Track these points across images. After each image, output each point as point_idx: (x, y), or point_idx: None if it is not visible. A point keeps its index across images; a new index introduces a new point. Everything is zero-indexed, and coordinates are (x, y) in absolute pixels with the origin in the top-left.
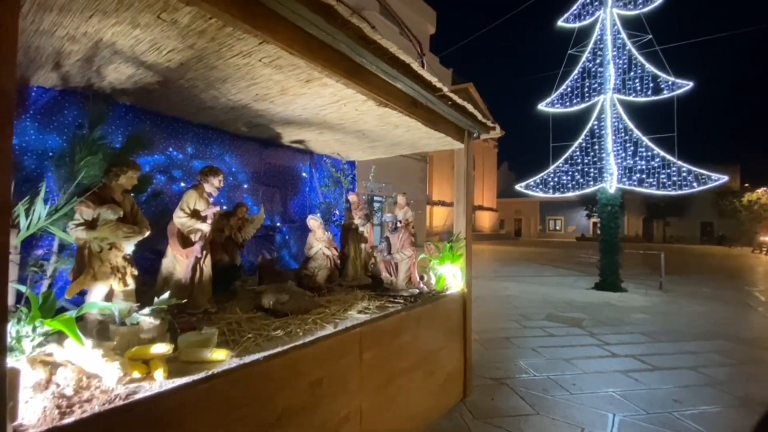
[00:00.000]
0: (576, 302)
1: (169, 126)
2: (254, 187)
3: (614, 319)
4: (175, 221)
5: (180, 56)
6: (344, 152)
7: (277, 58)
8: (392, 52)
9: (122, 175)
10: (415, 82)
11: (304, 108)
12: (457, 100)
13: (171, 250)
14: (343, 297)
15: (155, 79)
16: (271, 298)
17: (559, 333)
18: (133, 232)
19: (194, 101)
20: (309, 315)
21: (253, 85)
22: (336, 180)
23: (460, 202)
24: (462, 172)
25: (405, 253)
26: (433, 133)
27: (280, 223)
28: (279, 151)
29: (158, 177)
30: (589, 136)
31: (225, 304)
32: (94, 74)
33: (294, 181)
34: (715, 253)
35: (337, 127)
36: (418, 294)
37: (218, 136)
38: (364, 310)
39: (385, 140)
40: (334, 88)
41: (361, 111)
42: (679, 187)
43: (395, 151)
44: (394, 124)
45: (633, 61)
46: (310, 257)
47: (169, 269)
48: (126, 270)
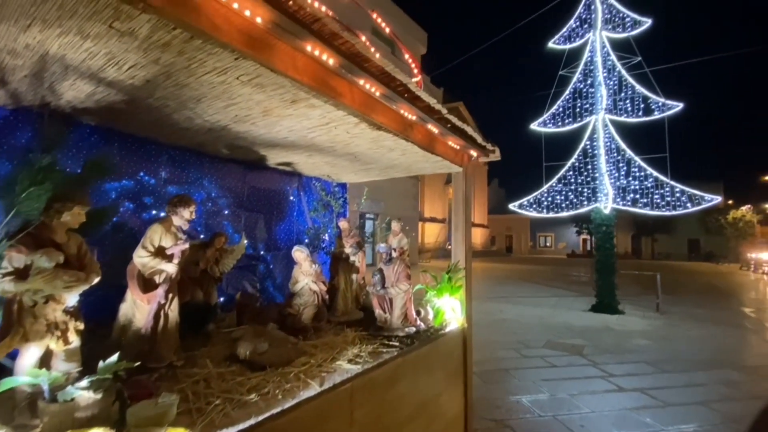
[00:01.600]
0: (575, 326)
1: (141, 148)
2: (236, 214)
3: (616, 345)
4: (135, 261)
5: (144, 72)
6: (335, 174)
7: (257, 76)
8: (388, 71)
9: (65, 212)
10: (412, 103)
11: (290, 130)
12: (456, 123)
13: (130, 294)
14: (331, 340)
15: (120, 98)
16: (247, 347)
17: (560, 363)
18: (76, 280)
19: (167, 122)
20: (291, 368)
21: (231, 105)
22: (326, 204)
23: (459, 229)
24: (460, 197)
25: (400, 288)
26: (429, 157)
27: (264, 251)
28: (264, 174)
29: (127, 205)
30: (582, 155)
31: (196, 351)
32: (47, 92)
33: (280, 205)
34: (705, 270)
35: (327, 150)
36: (415, 333)
37: (196, 158)
38: (356, 359)
39: (378, 163)
40: (322, 110)
41: (353, 134)
42: (673, 208)
43: (390, 174)
44: (388, 148)
45: (623, 82)
46: (295, 293)
47: (128, 316)
48: (67, 326)
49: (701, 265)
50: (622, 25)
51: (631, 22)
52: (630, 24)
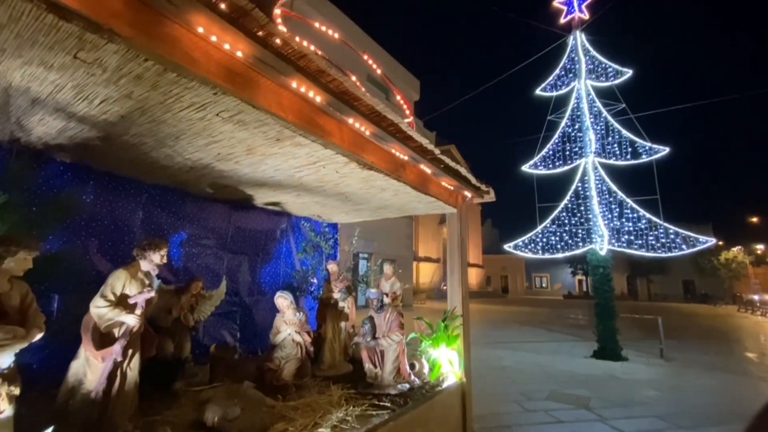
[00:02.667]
0: (578, 375)
1: (118, 187)
2: (218, 256)
3: (623, 397)
4: (91, 312)
5: (117, 108)
6: (326, 215)
7: (239, 112)
8: (378, 110)
9: (8, 258)
10: (404, 143)
11: (276, 169)
12: (449, 163)
13: (83, 350)
14: (314, 400)
15: (94, 134)
16: (216, 412)
17: (567, 418)
18: (12, 337)
19: (145, 160)
20: None
21: (213, 143)
22: (315, 245)
23: (454, 273)
24: (455, 239)
25: (392, 339)
26: (423, 197)
27: (246, 296)
28: (251, 214)
29: (98, 246)
30: (574, 197)
31: (158, 415)
32: (15, 127)
33: (267, 247)
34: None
35: (316, 190)
36: (408, 390)
37: (178, 197)
38: (341, 425)
39: (370, 203)
40: (309, 148)
41: (343, 174)
42: (668, 249)
43: (382, 214)
44: (380, 188)
45: (610, 127)
46: (276, 345)
47: (78, 376)
48: None
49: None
50: (605, 74)
51: (613, 72)
52: (612, 74)
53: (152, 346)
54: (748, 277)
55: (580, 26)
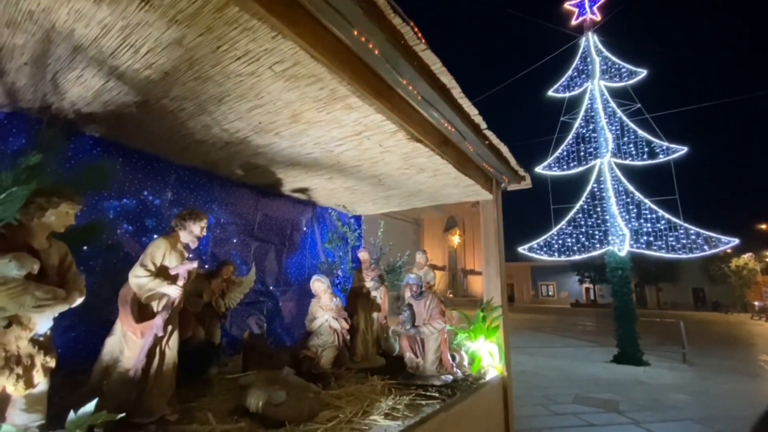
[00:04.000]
0: (601, 379)
1: (147, 165)
2: (245, 242)
3: (653, 401)
4: (131, 282)
5: (164, 59)
6: (352, 204)
7: (294, 64)
8: (434, 70)
9: (50, 209)
10: (455, 112)
11: (317, 143)
12: (493, 140)
13: (120, 325)
14: (357, 389)
15: (131, 98)
16: (260, 397)
17: (597, 421)
18: (52, 297)
19: (180, 132)
20: (315, 424)
21: (256, 108)
22: (341, 235)
23: (491, 263)
24: (492, 228)
25: (435, 327)
26: (461, 180)
27: (273, 286)
28: (277, 202)
29: (125, 226)
30: (590, 198)
31: (193, 402)
32: (49, 87)
33: (292, 236)
34: (715, 320)
35: (351, 171)
36: (452, 382)
37: (206, 180)
38: (392, 413)
39: (403, 188)
40: (359, 113)
41: (386, 147)
42: (689, 251)
43: (411, 202)
44: (419, 167)
45: (625, 127)
46: (312, 332)
47: (114, 354)
48: (33, 361)
49: (710, 315)
50: (619, 75)
51: (627, 73)
52: (626, 74)
53: (189, 326)
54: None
55: (592, 27)
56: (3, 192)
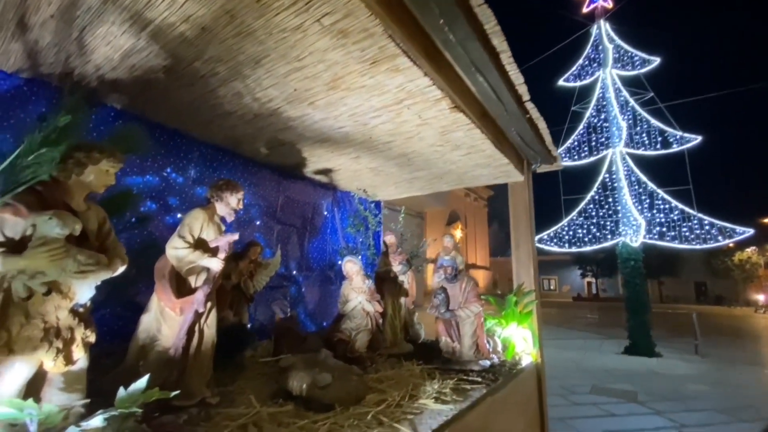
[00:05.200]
0: (615, 370)
1: (170, 141)
2: (268, 225)
3: (671, 391)
4: (169, 255)
5: (204, 9)
6: (373, 188)
7: (345, 16)
8: (487, 29)
9: (89, 166)
10: (502, 79)
11: (352, 114)
12: (534, 114)
13: (157, 301)
14: (396, 374)
15: (161, 61)
16: (303, 380)
17: (618, 411)
18: (95, 263)
19: (208, 102)
20: (364, 407)
21: (295, 71)
22: (362, 219)
23: (521, 247)
24: (523, 211)
25: (472, 310)
26: (496, 158)
27: (296, 270)
28: (299, 184)
29: (149, 204)
30: (601, 188)
31: (229, 386)
32: (74, 47)
33: (314, 220)
34: (720, 314)
35: (381, 148)
36: (490, 367)
37: (229, 158)
38: (440, 396)
39: (432, 169)
40: (404, 77)
41: (424, 119)
42: (703, 241)
43: (436, 185)
44: (454, 144)
45: (638, 116)
46: (345, 315)
47: (151, 332)
48: (74, 335)
49: (713, 309)
50: (631, 63)
51: (640, 61)
52: (639, 62)
53: (224, 305)
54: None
55: (603, 15)
56: (32, 154)
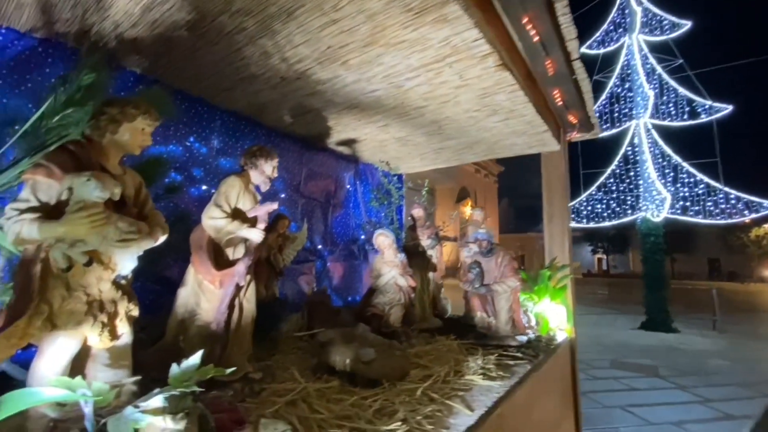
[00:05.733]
0: (632, 345)
1: (192, 109)
2: (292, 199)
3: (693, 366)
4: (206, 225)
5: None
6: (397, 161)
7: None
8: None
9: (124, 123)
10: (554, 32)
11: (387, 74)
12: (580, 74)
13: (194, 275)
14: (433, 349)
15: (184, 15)
16: (346, 354)
17: (640, 386)
18: (137, 230)
19: (233, 64)
20: (410, 383)
21: (330, 24)
22: (386, 193)
23: (554, 221)
24: (557, 182)
25: (509, 284)
26: (535, 124)
27: (321, 245)
28: (321, 156)
29: (172, 176)
30: (622, 162)
31: (267, 360)
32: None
33: (337, 194)
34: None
35: (412, 114)
36: (526, 343)
37: (251, 128)
38: (486, 372)
39: (462, 138)
40: (451, 29)
41: (466, 80)
42: (728, 216)
43: (464, 156)
44: (493, 108)
45: (664, 85)
46: (377, 288)
47: (189, 306)
48: (117, 308)
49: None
50: (660, 28)
51: (669, 25)
52: (668, 27)
53: (262, 278)
54: None
55: None
56: (56, 115)
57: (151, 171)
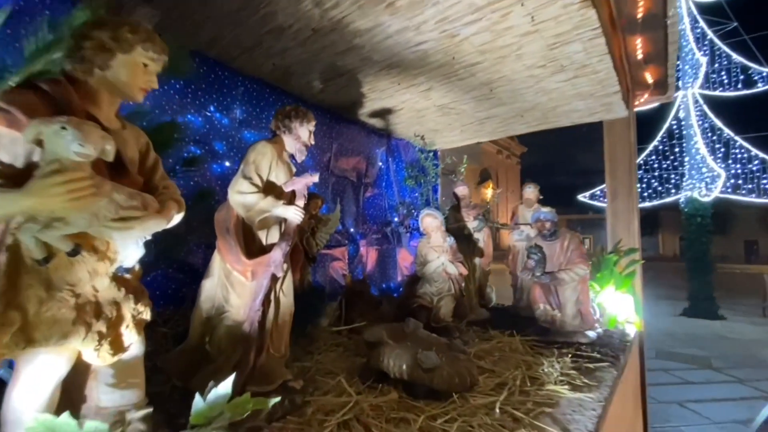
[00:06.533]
0: (677, 333)
1: (210, 73)
2: (322, 177)
3: (747, 357)
4: (233, 202)
5: None
6: (433, 135)
7: None
8: None
9: (118, 53)
10: None
11: (440, 20)
12: (672, 18)
13: (220, 263)
14: (494, 348)
15: None
16: (402, 359)
17: (694, 378)
18: (142, 205)
19: (257, 13)
20: (479, 394)
21: None
22: (421, 171)
23: (619, 197)
24: (623, 153)
25: (578, 272)
26: (606, 84)
27: (353, 228)
28: (351, 130)
29: (191, 148)
30: (666, 137)
31: (305, 362)
32: None
33: (369, 171)
34: None
35: (462, 74)
36: (598, 339)
37: (277, 97)
38: (569, 380)
39: (515, 104)
40: None
41: (538, 23)
42: None
43: (511, 128)
44: (560, 64)
45: (716, 51)
46: (424, 277)
47: (216, 301)
48: (121, 311)
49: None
50: None
51: None
52: None
53: (298, 266)
54: None
55: None
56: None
57: (162, 138)
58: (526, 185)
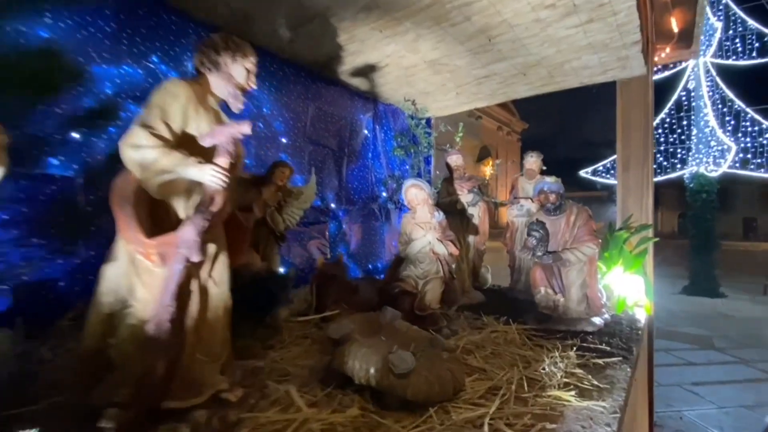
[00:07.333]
0: (677, 312)
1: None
2: (297, 145)
3: (750, 337)
4: (125, 157)
5: None
6: (425, 99)
7: None
8: None
9: None
10: None
11: None
12: None
13: (123, 246)
14: (486, 340)
15: None
16: (370, 362)
17: (696, 359)
18: None
19: None
20: (464, 404)
21: None
22: (412, 139)
23: (630, 169)
24: (637, 117)
25: (584, 252)
26: (626, 30)
27: (334, 203)
28: (332, 92)
29: (129, 106)
30: (674, 109)
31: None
32: None
33: (352, 140)
34: None
35: (455, 19)
36: (605, 327)
37: None
38: (574, 382)
39: (517, 58)
40: None
41: None
42: None
43: (512, 89)
44: (572, 3)
45: (731, 16)
46: (407, 258)
47: (118, 294)
48: None
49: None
50: None
51: None
52: None
53: (243, 246)
54: None
55: None
56: None
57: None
58: (528, 154)
